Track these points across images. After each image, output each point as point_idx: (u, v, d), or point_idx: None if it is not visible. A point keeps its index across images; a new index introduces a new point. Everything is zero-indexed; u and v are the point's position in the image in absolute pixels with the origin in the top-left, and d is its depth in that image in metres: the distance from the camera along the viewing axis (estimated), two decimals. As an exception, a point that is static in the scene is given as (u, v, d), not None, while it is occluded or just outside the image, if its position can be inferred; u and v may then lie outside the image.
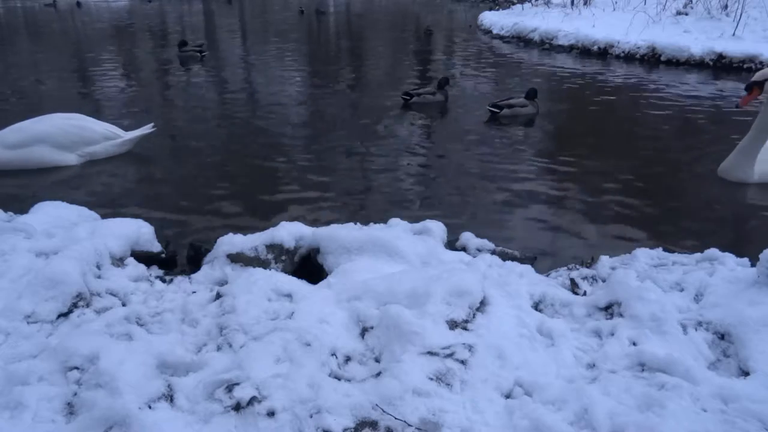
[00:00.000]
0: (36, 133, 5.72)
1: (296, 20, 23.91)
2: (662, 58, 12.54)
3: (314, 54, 14.95)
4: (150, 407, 2.20)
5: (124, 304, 3.02)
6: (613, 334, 2.70)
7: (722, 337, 2.66)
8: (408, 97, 8.74)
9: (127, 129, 6.35)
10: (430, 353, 2.46)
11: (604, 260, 3.47)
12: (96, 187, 5.42)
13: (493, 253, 3.70)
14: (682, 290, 3.07)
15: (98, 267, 3.19)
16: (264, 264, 3.36)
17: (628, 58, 13.08)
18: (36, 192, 5.09)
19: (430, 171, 5.86)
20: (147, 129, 6.30)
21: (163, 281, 3.35)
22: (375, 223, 3.95)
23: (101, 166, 5.94)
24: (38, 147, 5.72)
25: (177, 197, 5.17)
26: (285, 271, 3.38)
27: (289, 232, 3.56)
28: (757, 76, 5.18)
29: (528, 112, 8.05)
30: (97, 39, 17.15)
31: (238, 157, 6.31)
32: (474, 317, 2.74)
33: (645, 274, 3.21)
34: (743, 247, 3.85)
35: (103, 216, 4.03)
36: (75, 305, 2.87)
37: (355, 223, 3.91)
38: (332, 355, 2.52)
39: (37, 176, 5.64)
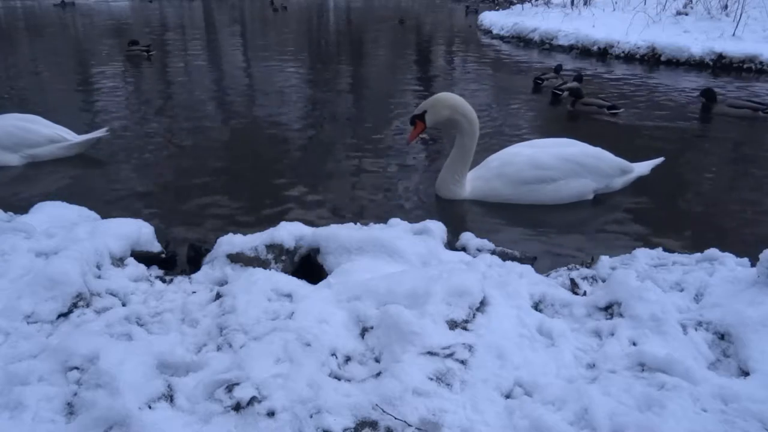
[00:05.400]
0: None
1: (271, 17, 24.33)
2: (662, 59, 12.55)
3: (312, 51, 14.95)
4: (150, 407, 2.20)
5: (124, 304, 3.01)
6: (613, 334, 2.69)
7: (722, 337, 2.66)
8: (540, 82, 9.86)
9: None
10: (430, 353, 2.45)
11: (604, 260, 3.46)
12: (96, 188, 5.42)
13: (493, 253, 3.69)
14: (682, 290, 3.07)
15: (98, 267, 3.19)
16: (264, 264, 3.35)
17: (628, 58, 13.09)
18: (36, 193, 5.09)
19: (431, 170, 5.85)
20: (100, 133, 6.26)
21: (163, 281, 3.35)
22: (375, 223, 3.95)
23: (100, 168, 5.94)
24: None
25: (177, 198, 5.16)
26: (285, 271, 3.38)
27: (289, 232, 3.55)
28: (418, 109, 4.92)
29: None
30: (85, 38, 17.14)
31: (237, 156, 6.31)
32: (474, 317, 2.74)
33: (645, 274, 3.21)
34: (743, 247, 3.85)
35: (104, 216, 4.03)
36: (75, 305, 2.87)
37: (356, 223, 3.90)
38: (332, 355, 2.51)
39: (38, 177, 5.64)
